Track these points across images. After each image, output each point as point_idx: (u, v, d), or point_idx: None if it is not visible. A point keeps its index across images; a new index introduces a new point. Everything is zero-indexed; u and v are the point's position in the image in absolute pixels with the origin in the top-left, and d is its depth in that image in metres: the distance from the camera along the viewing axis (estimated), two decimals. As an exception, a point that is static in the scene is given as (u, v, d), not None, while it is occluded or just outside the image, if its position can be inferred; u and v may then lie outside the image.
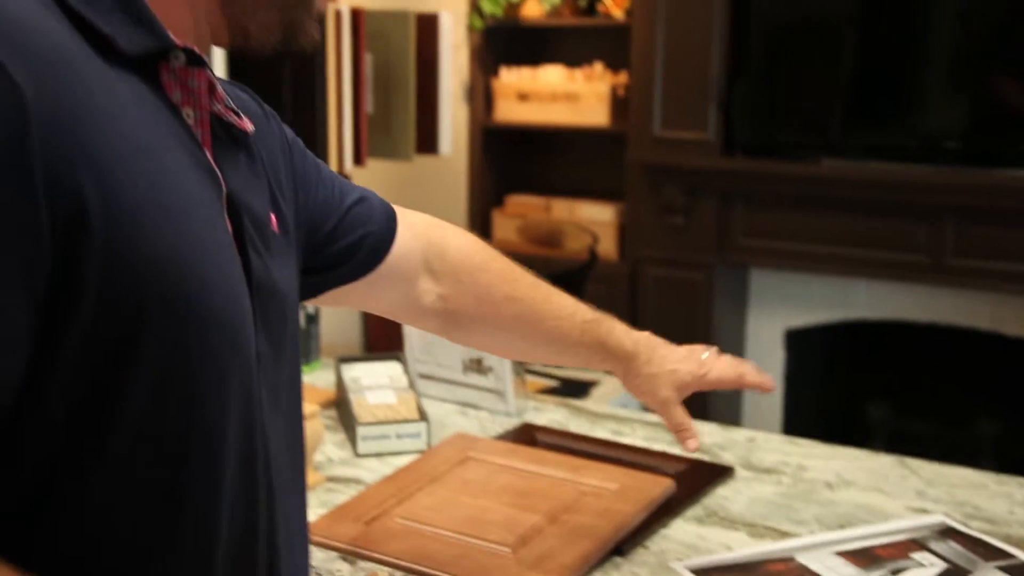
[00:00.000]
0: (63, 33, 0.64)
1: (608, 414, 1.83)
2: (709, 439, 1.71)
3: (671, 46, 3.46)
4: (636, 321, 3.64)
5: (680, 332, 3.52)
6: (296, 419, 0.88)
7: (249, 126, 0.82)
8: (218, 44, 0.80)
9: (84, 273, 0.62)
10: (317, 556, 1.22)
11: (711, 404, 3.52)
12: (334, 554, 1.25)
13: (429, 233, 1.19)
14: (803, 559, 1.30)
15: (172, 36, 0.72)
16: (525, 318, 1.22)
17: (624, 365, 1.27)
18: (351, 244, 1.08)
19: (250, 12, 0.76)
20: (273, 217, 0.87)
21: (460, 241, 1.23)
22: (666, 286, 3.60)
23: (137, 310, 0.64)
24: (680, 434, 1.28)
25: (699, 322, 3.56)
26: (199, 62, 0.74)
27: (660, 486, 1.42)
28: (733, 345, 3.76)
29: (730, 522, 1.41)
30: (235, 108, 0.81)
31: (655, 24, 3.46)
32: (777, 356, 3.71)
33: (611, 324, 1.27)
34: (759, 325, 3.77)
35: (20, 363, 0.61)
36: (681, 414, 1.28)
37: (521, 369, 1.83)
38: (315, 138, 2.42)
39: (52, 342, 0.62)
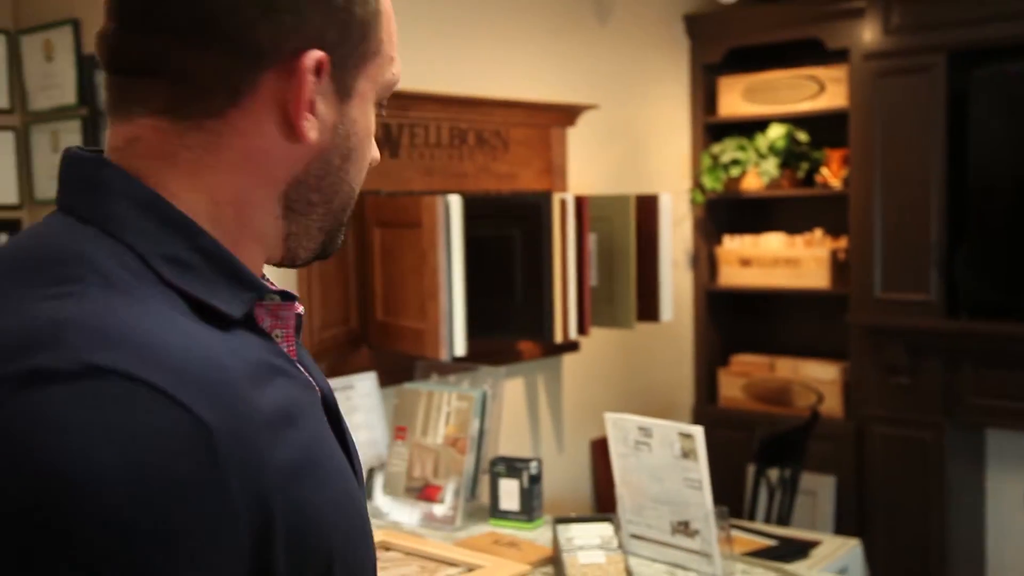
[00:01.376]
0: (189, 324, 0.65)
1: (815, 578, 1.81)
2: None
3: (889, 211, 3.44)
4: (863, 479, 3.52)
5: (913, 491, 3.38)
6: None
7: (302, 308, 0.81)
8: (268, 263, 0.80)
9: (276, 570, 0.62)
10: None
11: (948, 566, 3.32)
12: None
13: None
14: None
15: (262, 281, 0.74)
16: None
17: None
18: None
19: (304, 243, 0.77)
20: None
21: None
22: (894, 445, 3.47)
23: None
24: None
25: (931, 482, 3.38)
26: (291, 297, 0.77)
27: (855, 653, 1.40)
28: (973, 506, 3.54)
29: None
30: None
31: (872, 191, 3.46)
32: (1022, 518, 3.45)
33: None
34: (1000, 486, 3.53)
35: None
36: None
37: (727, 528, 1.85)
38: (542, 310, 2.58)
39: None
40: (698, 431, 1.80)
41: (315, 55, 0.69)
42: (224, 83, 0.68)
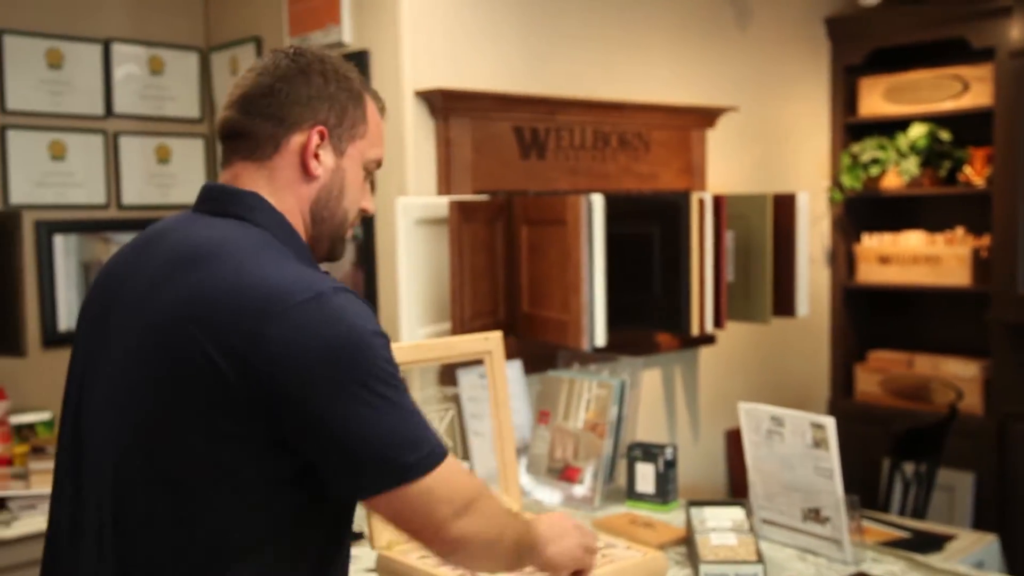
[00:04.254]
0: None
1: (949, 570, 1.75)
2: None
3: (1035, 207, 3.26)
4: (1004, 476, 3.35)
5: (1056, 490, 3.19)
6: None
7: None
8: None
9: None
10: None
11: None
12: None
13: None
14: None
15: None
16: None
17: None
18: None
19: (319, 246, 1.26)
20: None
21: None
22: (1037, 443, 3.29)
23: None
24: None
25: (1076, 481, 3.19)
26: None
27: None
28: (1120, 507, 3.32)
29: None
30: None
31: (1017, 188, 3.29)
32: None
33: None
34: None
35: None
36: None
37: (858, 517, 1.81)
38: (679, 304, 2.57)
39: None
40: (830, 421, 1.77)
41: (320, 127, 1.21)
42: (273, 140, 1.22)
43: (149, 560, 1.09)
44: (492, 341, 1.82)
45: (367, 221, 2.60)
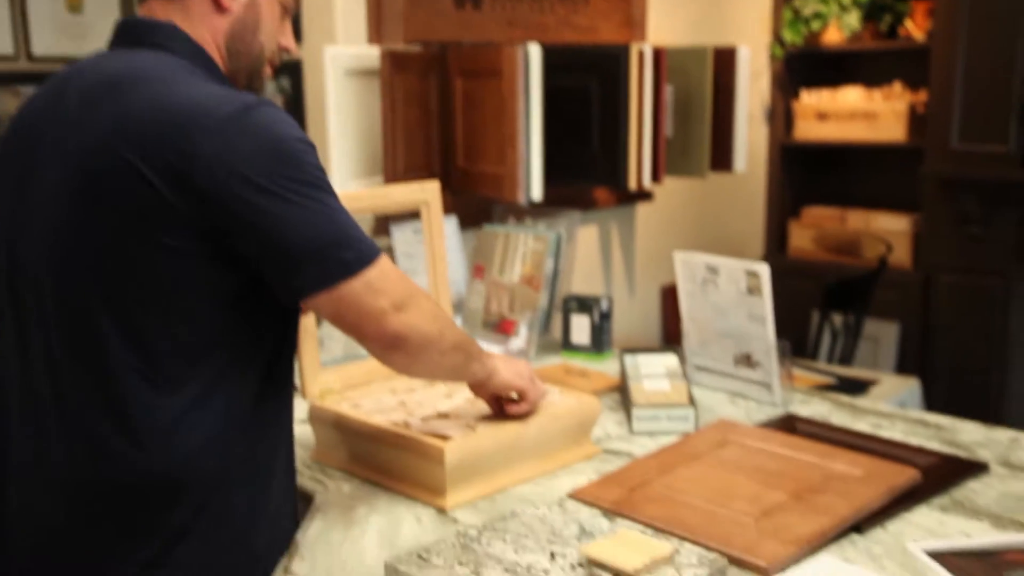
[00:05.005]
0: None
1: (871, 409, 1.78)
2: (968, 437, 1.62)
3: (972, 63, 3.23)
4: (928, 328, 3.44)
5: (976, 339, 3.29)
6: None
7: None
8: None
9: None
10: (584, 512, 1.31)
11: (1004, 410, 3.26)
12: (598, 512, 1.33)
13: None
14: (1045, 553, 1.22)
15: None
16: None
17: None
18: None
19: (237, 81, 1.26)
20: None
21: None
22: (960, 293, 3.36)
23: None
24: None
25: (995, 331, 3.29)
26: None
27: (904, 475, 1.38)
28: (1035, 354, 3.44)
29: (975, 513, 1.34)
30: None
31: (957, 42, 3.25)
32: (1084, 366, 3.35)
33: None
34: (1064, 335, 3.42)
35: None
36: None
37: (788, 362, 1.83)
38: (617, 158, 2.52)
39: None
40: (764, 268, 1.76)
41: None
42: None
43: (92, 375, 1.12)
44: (429, 191, 1.76)
45: (294, 72, 2.48)
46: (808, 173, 3.96)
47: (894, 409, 1.79)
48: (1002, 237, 3.27)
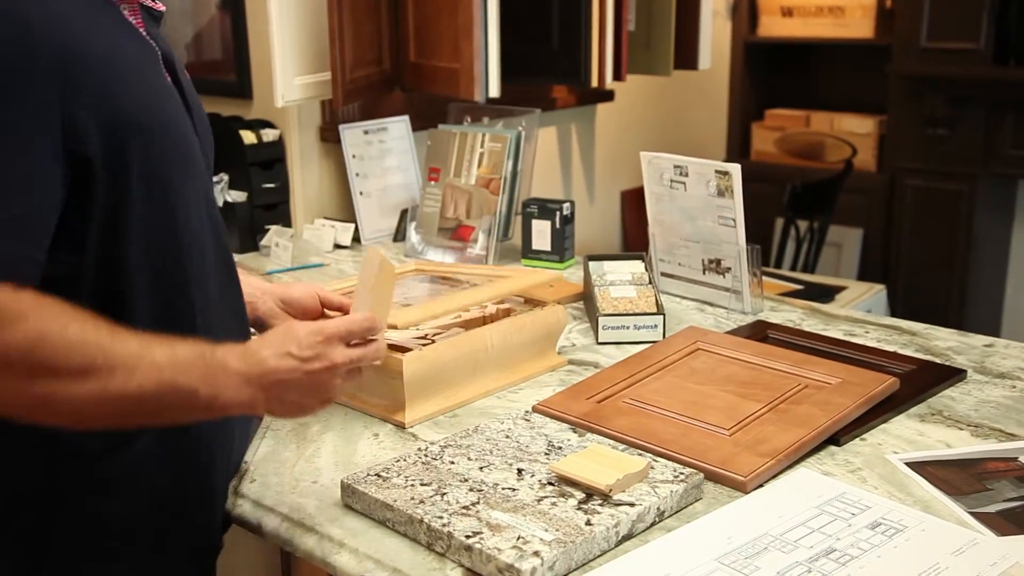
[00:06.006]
0: None
1: (843, 316, 1.75)
2: (944, 343, 1.59)
3: (943, -46, 3.15)
4: (892, 231, 3.42)
5: (940, 242, 3.29)
6: (216, 209, 1.12)
7: (163, 7, 1.08)
8: None
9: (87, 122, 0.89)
10: (551, 427, 1.26)
11: (966, 315, 3.28)
12: (566, 426, 1.28)
13: None
14: (1026, 461, 1.20)
15: None
16: None
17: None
18: None
19: None
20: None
21: None
22: (925, 196, 3.34)
23: (125, 142, 0.91)
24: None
25: (959, 232, 3.28)
26: None
27: (881, 383, 1.35)
28: (996, 256, 3.45)
29: (954, 421, 1.31)
30: None
31: (926, -67, 3.16)
32: (1043, 269, 3.38)
33: None
34: (1025, 237, 3.43)
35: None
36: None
37: (759, 270, 1.78)
38: (579, 54, 2.41)
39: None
40: (735, 168, 1.70)
41: None
42: None
43: None
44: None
45: (230, -42, 2.31)
46: (772, 73, 3.88)
47: (867, 315, 1.76)
48: (968, 139, 3.24)
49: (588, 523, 1.02)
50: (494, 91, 2.19)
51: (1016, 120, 3.15)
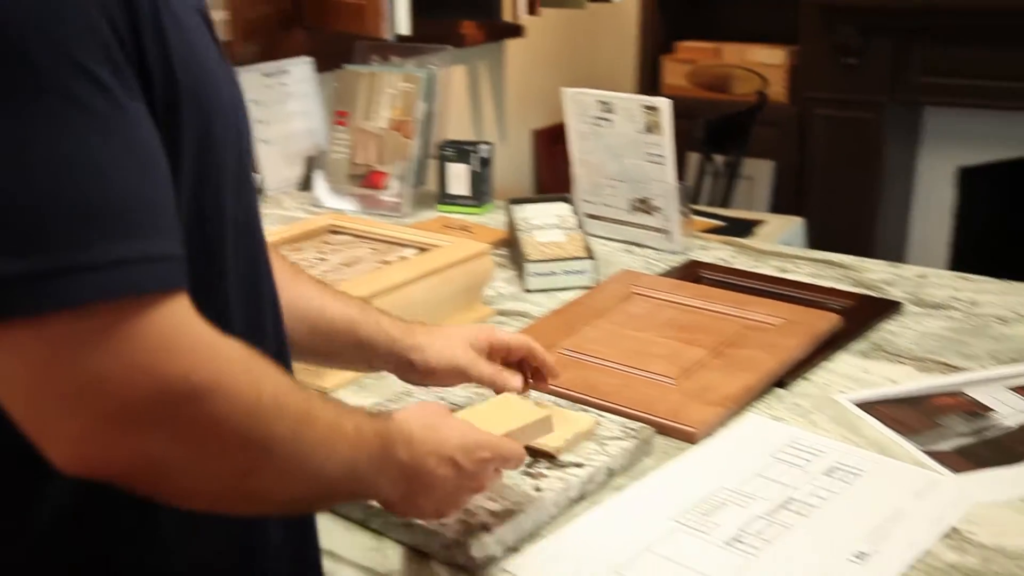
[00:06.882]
0: None
1: (773, 251, 1.72)
2: (876, 276, 1.57)
3: None
4: (805, 163, 3.43)
5: (851, 173, 3.30)
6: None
7: None
8: None
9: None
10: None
11: (875, 244, 3.32)
12: (503, 382, 1.21)
13: None
14: (973, 393, 1.19)
15: None
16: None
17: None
18: None
19: None
20: None
21: None
22: (836, 126, 3.35)
23: (177, 102, 0.67)
24: (499, 383, 1.03)
25: (870, 161, 3.31)
26: None
27: (825, 321, 1.32)
28: (903, 183, 3.50)
29: (896, 356, 1.29)
30: None
31: None
32: (946, 194, 3.43)
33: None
34: (931, 163, 3.48)
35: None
36: (489, 366, 1.03)
37: (687, 208, 1.73)
38: (488, -12, 2.31)
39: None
40: (664, 102, 1.63)
41: None
42: None
43: None
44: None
45: None
46: (682, 4, 3.82)
47: (798, 250, 1.73)
48: (877, 68, 3.25)
49: (537, 489, 0.96)
50: (404, 28, 2.07)
51: (924, 48, 3.17)
